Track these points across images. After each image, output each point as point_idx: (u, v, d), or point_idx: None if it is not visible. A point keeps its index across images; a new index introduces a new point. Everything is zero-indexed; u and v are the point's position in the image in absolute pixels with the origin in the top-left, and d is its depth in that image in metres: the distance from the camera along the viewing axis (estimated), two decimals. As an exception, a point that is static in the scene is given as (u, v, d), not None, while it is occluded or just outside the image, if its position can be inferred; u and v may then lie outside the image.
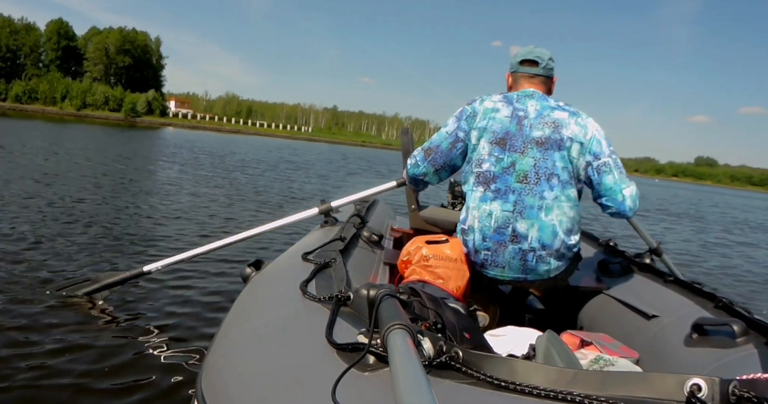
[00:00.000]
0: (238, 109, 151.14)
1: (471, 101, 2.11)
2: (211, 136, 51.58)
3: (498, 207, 1.94)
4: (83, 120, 60.60)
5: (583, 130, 1.98)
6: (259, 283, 1.82)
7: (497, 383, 0.91)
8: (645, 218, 14.12)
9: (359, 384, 0.90)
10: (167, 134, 42.20)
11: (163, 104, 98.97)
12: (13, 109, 75.15)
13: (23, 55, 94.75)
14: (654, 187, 58.27)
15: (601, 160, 1.98)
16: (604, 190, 2.00)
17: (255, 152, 26.63)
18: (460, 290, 1.98)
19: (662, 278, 2.18)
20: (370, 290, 1.12)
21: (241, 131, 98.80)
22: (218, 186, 10.32)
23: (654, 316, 1.90)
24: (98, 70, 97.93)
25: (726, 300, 1.80)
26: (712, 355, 1.51)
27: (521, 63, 2.14)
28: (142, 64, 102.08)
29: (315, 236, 2.34)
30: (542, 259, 1.95)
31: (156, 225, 5.92)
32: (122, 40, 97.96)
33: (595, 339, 1.82)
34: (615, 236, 2.83)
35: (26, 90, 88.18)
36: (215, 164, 16.33)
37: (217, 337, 1.43)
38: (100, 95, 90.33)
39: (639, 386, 0.90)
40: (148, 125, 74.54)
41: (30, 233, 4.69)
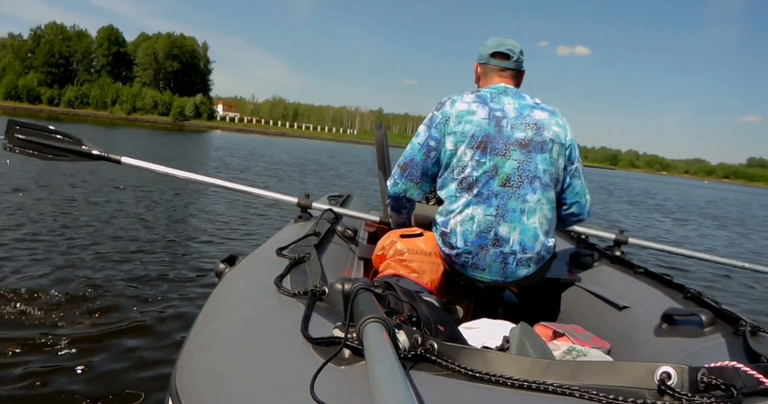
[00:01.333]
0: (284, 112, 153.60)
1: (440, 104, 2.03)
2: (256, 138, 53.21)
3: (481, 212, 1.91)
4: (133, 124, 62.67)
5: (563, 131, 2.00)
6: (232, 279, 1.81)
7: (472, 374, 0.92)
8: (683, 222, 14.19)
9: (335, 377, 0.90)
10: (212, 137, 43.40)
11: (210, 108, 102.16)
12: (65, 113, 77.69)
13: (75, 62, 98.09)
14: (703, 189, 58.29)
15: (575, 165, 2.05)
16: (572, 193, 2.08)
17: (289, 154, 27.19)
18: (434, 283, 1.99)
19: (632, 269, 2.21)
20: (345, 284, 1.12)
21: (286, 134, 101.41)
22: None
23: (625, 307, 1.93)
24: (147, 75, 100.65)
25: (694, 291, 1.83)
26: (681, 344, 1.54)
27: (492, 55, 2.11)
28: (190, 68, 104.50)
29: (289, 231, 2.33)
30: (522, 263, 1.95)
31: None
32: (170, 46, 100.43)
33: (568, 330, 1.84)
34: (584, 232, 2.87)
35: (78, 95, 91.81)
36: (239, 163, 16.72)
37: (191, 334, 1.42)
38: (149, 100, 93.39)
39: (610, 375, 0.92)
40: (196, 128, 76.83)
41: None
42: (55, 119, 49.53)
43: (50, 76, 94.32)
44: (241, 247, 5.12)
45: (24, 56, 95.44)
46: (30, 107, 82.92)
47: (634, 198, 22.12)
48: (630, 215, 14.20)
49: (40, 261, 3.93)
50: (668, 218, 14.86)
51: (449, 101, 2.01)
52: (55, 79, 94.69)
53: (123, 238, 5.03)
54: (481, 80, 2.16)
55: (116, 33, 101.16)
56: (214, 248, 5.02)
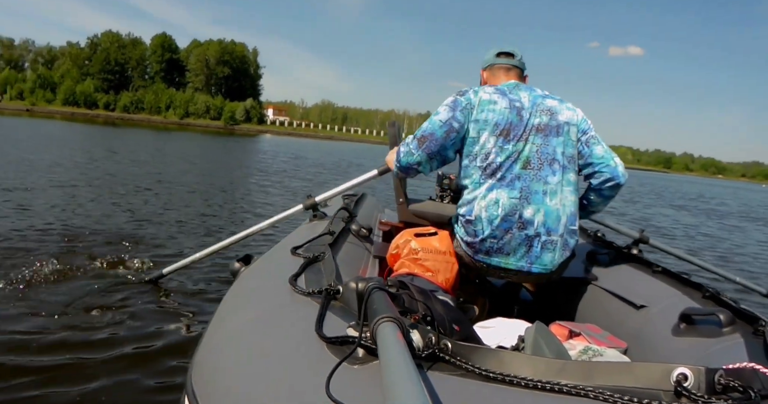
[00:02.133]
0: (333, 116, 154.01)
1: (462, 91, 2.07)
2: (304, 142, 53.93)
3: (505, 195, 1.94)
4: (186, 128, 64.55)
5: (574, 113, 2.07)
6: (248, 278, 1.82)
7: (486, 374, 0.92)
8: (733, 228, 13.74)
9: (349, 377, 0.90)
10: (262, 141, 44.40)
11: (260, 112, 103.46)
12: (121, 118, 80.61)
13: (130, 68, 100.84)
14: (761, 193, 56.17)
15: (588, 134, 2.09)
16: (596, 158, 2.10)
17: (331, 156, 27.66)
18: (449, 282, 1.99)
19: (650, 268, 2.19)
20: (359, 283, 1.12)
21: (334, 137, 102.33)
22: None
23: (642, 306, 1.91)
24: (199, 80, 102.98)
25: (713, 290, 1.81)
26: (699, 345, 1.52)
27: (498, 55, 2.21)
28: (241, 74, 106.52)
29: (304, 231, 2.33)
30: (547, 246, 1.95)
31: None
32: (221, 52, 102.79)
33: (584, 329, 1.83)
34: (602, 229, 2.85)
35: (133, 101, 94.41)
36: (279, 167, 16.99)
37: (207, 332, 1.43)
38: (201, 105, 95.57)
39: (626, 376, 0.91)
40: (246, 132, 78.09)
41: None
42: (111, 123, 51.56)
43: (106, 82, 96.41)
44: (257, 246, 5.14)
45: (81, 64, 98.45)
46: (87, 113, 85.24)
47: (687, 202, 21.59)
48: (681, 221, 13.73)
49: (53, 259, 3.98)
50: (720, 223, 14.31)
51: (471, 91, 2.07)
52: (111, 85, 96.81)
53: (139, 236, 5.07)
54: (488, 84, 2.20)
55: (169, 40, 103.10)
56: (230, 247, 5.04)
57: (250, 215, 7.05)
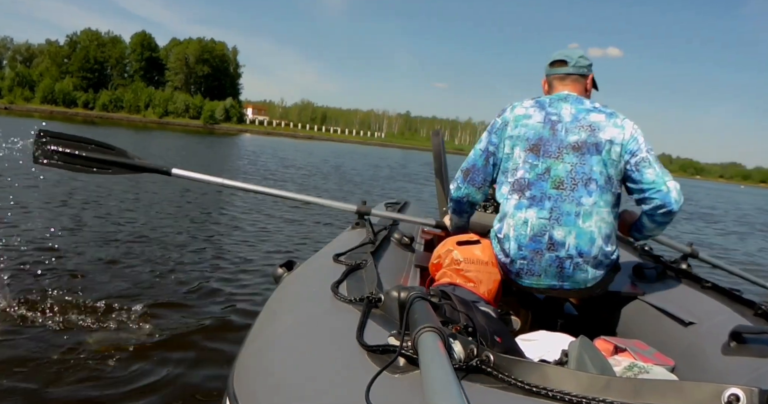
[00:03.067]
0: (313, 115, 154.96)
1: (502, 111, 2.06)
2: (283, 142, 54.01)
3: (534, 215, 1.89)
4: (165, 127, 65.30)
5: (621, 132, 1.93)
6: (290, 284, 1.83)
7: (528, 388, 0.90)
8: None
9: (390, 386, 0.90)
10: (241, 140, 44.45)
11: (240, 112, 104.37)
12: (100, 117, 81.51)
13: (110, 67, 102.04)
14: (738, 193, 55.82)
15: (638, 156, 1.92)
16: (647, 184, 1.93)
17: (308, 157, 27.47)
18: (491, 293, 1.96)
19: (699, 283, 2.13)
20: (401, 292, 1.12)
21: (314, 137, 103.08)
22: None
23: (690, 323, 1.85)
24: (179, 79, 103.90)
25: (766, 308, 1.75)
26: (750, 364, 1.47)
27: (551, 65, 2.12)
28: (220, 73, 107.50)
29: (346, 238, 2.34)
30: (579, 267, 1.90)
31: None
32: (201, 51, 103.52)
33: (630, 345, 1.78)
34: (649, 242, 2.78)
35: (112, 99, 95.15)
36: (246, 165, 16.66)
37: (249, 337, 1.45)
38: (180, 103, 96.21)
39: (674, 394, 0.88)
40: (226, 131, 78.72)
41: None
42: (90, 122, 51.96)
43: (85, 80, 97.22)
44: (300, 252, 5.19)
45: (60, 62, 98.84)
46: (66, 111, 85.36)
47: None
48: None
49: (99, 269, 4.09)
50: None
51: (509, 107, 2.05)
52: (90, 83, 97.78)
53: (180, 243, 5.17)
54: (548, 94, 2.15)
55: (149, 39, 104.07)
56: (273, 253, 5.11)
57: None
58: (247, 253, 4.99)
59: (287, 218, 7.25)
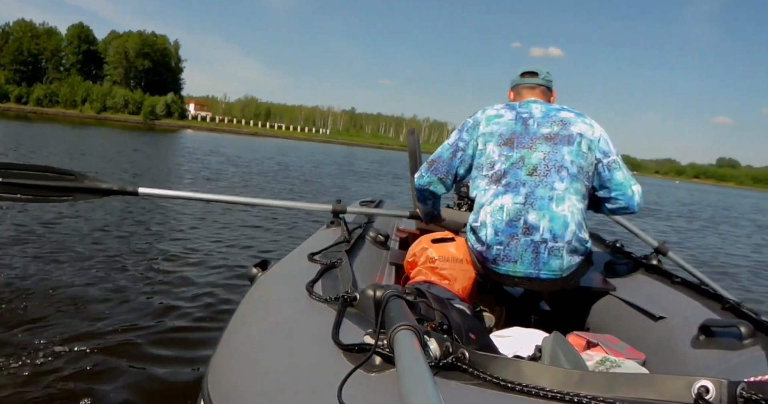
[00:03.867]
0: (256, 111, 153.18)
1: (473, 113, 2.16)
2: (226, 138, 52.71)
3: (509, 200, 1.93)
4: (103, 123, 62.38)
5: (591, 128, 2.04)
6: (265, 283, 1.82)
7: (503, 384, 0.91)
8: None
9: (365, 384, 0.90)
10: (182, 137, 43.06)
11: (182, 107, 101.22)
12: (34, 112, 77.44)
13: (44, 59, 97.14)
14: (673, 189, 56.76)
15: (610, 157, 2.05)
16: (615, 185, 2.07)
17: (251, 153, 26.89)
18: (466, 291, 1.98)
19: (669, 279, 2.17)
20: (376, 290, 1.12)
21: (259, 134, 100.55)
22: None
23: (661, 317, 1.89)
24: (118, 73, 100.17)
25: (733, 301, 1.79)
26: (719, 357, 1.50)
27: (522, 75, 2.27)
28: (161, 67, 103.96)
29: (321, 237, 2.34)
30: (554, 252, 1.93)
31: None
32: (141, 44, 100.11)
33: (602, 340, 1.81)
34: (620, 238, 2.82)
35: (47, 93, 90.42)
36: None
37: (224, 337, 1.44)
38: (119, 98, 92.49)
39: (646, 388, 0.90)
40: (167, 127, 76.18)
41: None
42: (24, 117, 49.89)
43: (18, 74, 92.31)
44: (274, 252, 5.16)
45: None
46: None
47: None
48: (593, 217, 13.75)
49: (72, 268, 4.03)
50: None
51: (481, 110, 2.15)
52: (24, 77, 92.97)
53: (150, 243, 5.11)
54: (516, 100, 2.23)
55: (86, 31, 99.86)
56: (247, 253, 5.08)
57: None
58: (221, 253, 4.95)
59: (261, 216, 7.20)
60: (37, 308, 3.05)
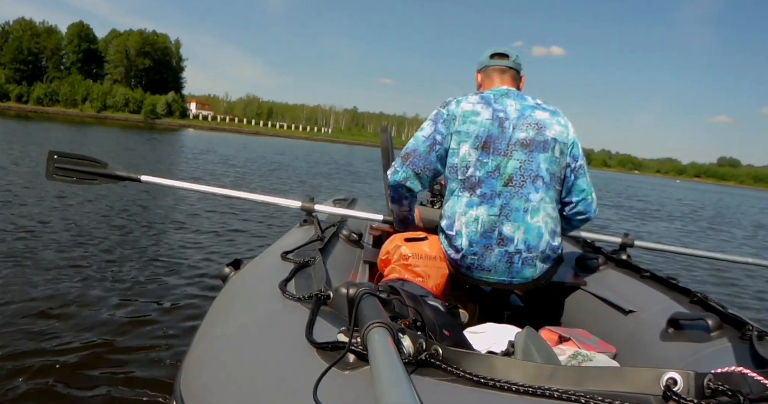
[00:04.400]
0: (258, 110, 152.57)
1: (446, 103, 2.05)
2: (227, 137, 52.69)
3: (484, 212, 1.92)
4: (103, 122, 62.15)
5: (565, 130, 2.01)
6: (238, 283, 1.81)
7: (477, 379, 0.92)
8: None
9: (340, 382, 0.90)
10: (184, 136, 42.96)
11: (183, 106, 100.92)
12: (34, 111, 76.80)
13: (45, 58, 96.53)
14: (673, 188, 56.70)
15: (578, 162, 2.05)
16: (578, 191, 2.08)
17: (248, 152, 26.89)
18: (439, 287, 1.99)
19: (639, 273, 2.20)
20: (349, 288, 1.12)
21: (260, 133, 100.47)
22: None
23: (630, 311, 1.92)
24: (118, 72, 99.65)
25: (701, 295, 1.82)
26: (687, 349, 1.53)
27: (491, 56, 2.16)
28: (162, 66, 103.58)
29: (294, 236, 2.33)
30: (528, 262, 1.94)
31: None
32: (142, 43, 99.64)
33: (573, 334, 1.83)
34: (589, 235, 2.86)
35: (47, 92, 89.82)
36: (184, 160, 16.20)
37: (196, 338, 1.42)
38: (120, 97, 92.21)
39: (616, 380, 0.91)
40: (168, 126, 75.85)
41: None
42: (24, 116, 49.54)
43: (18, 73, 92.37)
44: (246, 250, 5.13)
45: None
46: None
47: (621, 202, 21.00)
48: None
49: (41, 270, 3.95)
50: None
51: (454, 101, 2.04)
52: (24, 76, 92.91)
53: (117, 244, 5.04)
54: (483, 86, 2.17)
55: (87, 29, 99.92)
56: (219, 252, 5.03)
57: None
58: (193, 252, 4.90)
59: (234, 214, 7.14)
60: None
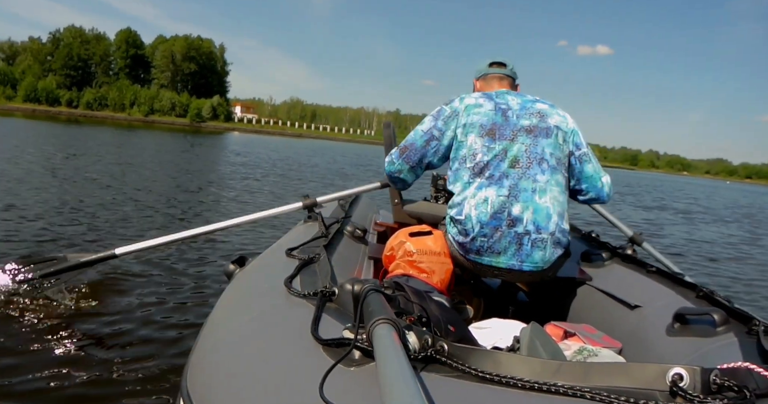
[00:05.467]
0: (302, 113, 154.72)
1: (450, 100, 2.14)
2: (269, 139, 53.97)
3: (493, 193, 1.94)
4: (150, 126, 63.73)
5: (565, 120, 2.09)
6: (243, 280, 1.81)
7: (482, 375, 0.92)
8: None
9: (345, 379, 0.90)
10: (227, 139, 43.86)
11: (228, 109, 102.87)
12: (84, 115, 79.77)
13: (94, 64, 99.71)
14: (723, 190, 54.54)
15: (581, 150, 2.11)
16: (585, 177, 2.14)
17: (287, 153, 27.51)
18: (444, 283, 1.99)
19: (644, 268, 2.20)
20: (354, 285, 1.12)
21: (303, 135, 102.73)
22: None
23: (636, 306, 1.91)
24: (165, 77, 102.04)
25: (707, 290, 1.82)
26: (693, 344, 1.53)
27: (490, 65, 2.30)
28: (207, 70, 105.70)
29: (299, 232, 2.33)
30: (537, 244, 1.94)
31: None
32: (187, 48, 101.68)
33: (579, 329, 1.83)
34: (596, 229, 2.86)
35: (97, 97, 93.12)
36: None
37: (202, 334, 1.43)
38: (166, 101, 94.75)
39: (622, 376, 0.91)
40: (213, 129, 77.78)
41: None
42: (74, 121, 50.83)
43: (69, 78, 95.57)
44: (252, 248, 5.13)
45: (43, 59, 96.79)
46: (49, 109, 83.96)
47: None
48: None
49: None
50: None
51: (458, 98, 2.14)
52: (74, 81, 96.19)
53: (128, 238, 5.05)
54: (482, 91, 2.25)
55: (134, 35, 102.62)
56: (225, 249, 5.04)
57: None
58: (197, 249, 4.90)
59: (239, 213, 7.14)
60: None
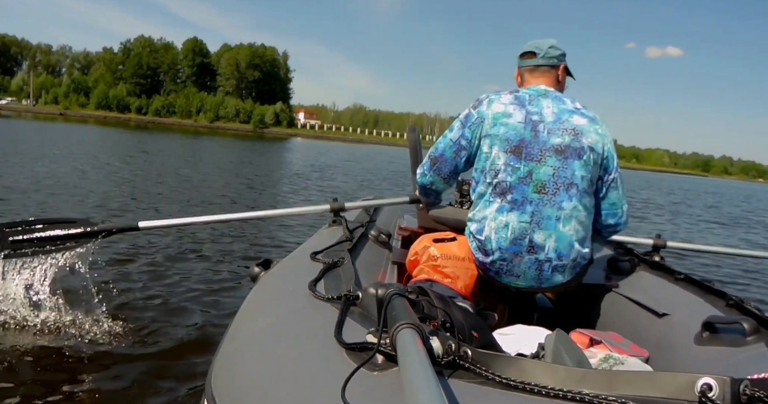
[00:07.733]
0: (364, 119, 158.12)
1: (478, 102, 2.03)
2: (330, 145, 55.56)
3: (515, 218, 1.90)
4: (216, 132, 66.91)
5: (602, 140, 1.96)
6: (267, 282, 1.83)
7: (506, 382, 0.91)
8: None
9: (368, 383, 0.90)
10: (289, 144, 45.76)
11: (290, 116, 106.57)
12: (152, 122, 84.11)
13: (162, 73, 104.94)
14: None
15: (611, 175, 2.01)
16: (609, 204, 2.06)
17: (332, 157, 28.21)
18: (468, 289, 1.98)
19: (672, 275, 2.16)
20: (378, 289, 1.12)
21: (363, 141, 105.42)
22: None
23: (664, 314, 1.88)
24: (230, 84, 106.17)
25: (737, 298, 1.78)
26: (722, 354, 1.50)
27: (521, 57, 2.12)
28: (271, 77, 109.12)
29: (323, 236, 2.34)
30: (557, 269, 1.92)
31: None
32: (252, 56, 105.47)
33: (605, 337, 1.81)
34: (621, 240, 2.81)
35: (165, 104, 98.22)
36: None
37: (227, 336, 1.44)
38: (231, 108, 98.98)
39: (649, 385, 0.89)
40: (275, 135, 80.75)
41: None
42: (143, 127, 53.17)
43: (138, 86, 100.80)
44: (276, 251, 5.16)
45: (114, 68, 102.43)
46: (119, 116, 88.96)
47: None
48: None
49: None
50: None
51: (486, 101, 2.01)
52: (143, 89, 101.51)
53: (155, 242, 5.11)
54: (521, 85, 2.15)
55: (200, 44, 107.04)
56: (250, 252, 5.08)
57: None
58: (222, 252, 4.95)
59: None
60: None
